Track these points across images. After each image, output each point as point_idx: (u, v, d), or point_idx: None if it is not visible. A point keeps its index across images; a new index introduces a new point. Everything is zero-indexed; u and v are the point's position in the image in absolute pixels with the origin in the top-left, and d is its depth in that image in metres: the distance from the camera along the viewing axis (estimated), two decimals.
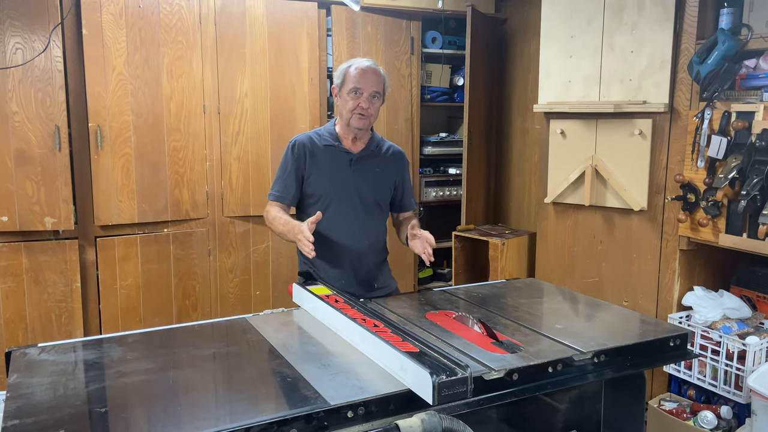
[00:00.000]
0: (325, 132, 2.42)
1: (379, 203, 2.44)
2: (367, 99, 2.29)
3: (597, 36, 3.09)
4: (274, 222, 2.33)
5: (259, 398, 1.49)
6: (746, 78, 2.63)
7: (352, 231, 2.37)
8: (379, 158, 2.44)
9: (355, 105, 2.29)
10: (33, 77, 3.05)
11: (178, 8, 3.34)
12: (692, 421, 2.69)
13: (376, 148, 2.44)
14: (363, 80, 2.29)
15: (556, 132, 3.31)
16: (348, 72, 2.31)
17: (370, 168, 2.41)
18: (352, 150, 2.39)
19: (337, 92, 2.37)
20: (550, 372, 1.63)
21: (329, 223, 2.33)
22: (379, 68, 2.35)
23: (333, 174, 2.37)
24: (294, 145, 2.39)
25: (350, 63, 2.34)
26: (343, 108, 2.33)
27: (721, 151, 2.60)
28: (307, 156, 2.36)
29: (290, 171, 2.37)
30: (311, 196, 2.38)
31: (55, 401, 1.45)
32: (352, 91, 2.29)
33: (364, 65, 2.31)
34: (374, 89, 2.30)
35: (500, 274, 3.72)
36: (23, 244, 3.16)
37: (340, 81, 2.33)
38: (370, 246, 2.42)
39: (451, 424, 1.40)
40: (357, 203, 2.38)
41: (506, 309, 2.13)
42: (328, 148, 2.38)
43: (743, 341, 2.54)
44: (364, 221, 2.40)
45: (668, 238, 2.95)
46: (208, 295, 3.65)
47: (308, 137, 2.41)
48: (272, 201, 2.40)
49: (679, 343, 1.85)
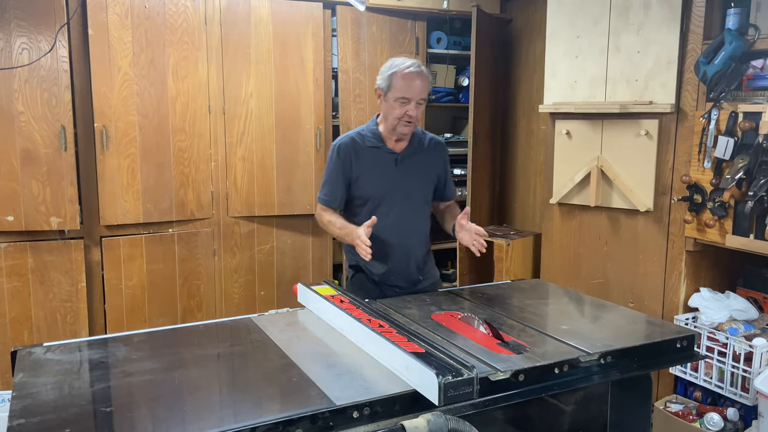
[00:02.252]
0: (369, 132, 2.40)
1: (425, 198, 2.49)
2: (414, 107, 2.28)
3: (603, 36, 3.08)
4: (329, 226, 2.39)
5: (264, 398, 1.49)
6: (753, 78, 2.61)
7: (400, 228, 2.41)
8: (423, 153, 2.45)
9: (403, 113, 2.27)
10: (39, 77, 3.06)
11: (183, 9, 3.35)
12: (698, 423, 2.68)
13: (419, 144, 2.44)
14: (411, 89, 2.25)
15: (562, 132, 3.30)
16: (394, 79, 2.27)
17: (415, 165, 2.43)
18: (396, 150, 2.40)
19: (381, 95, 2.33)
20: (556, 373, 1.62)
21: (378, 223, 2.35)
22: (423, 70, 2.31)
23: (379, 175, 2.38)
24: (339, 148, 2.39)
25: (395, 68, 2.28)
26: (389, 114, 2.31)
27: (728, 152, 2.58)
28: (353, 159, 2.37)
29: (337, 174, 2.38)
30: (359, 198, 2.41)
31: (61, 400, 1.45)
32: (400, 99, 2.27)
33: (411, 72, 2.26)
34: (421, 97, 2.28)
35: (505, 275, 3.71)
36: (29, 243, 3.16)
37: (386, 86, 2.29)
38: (416, 241, 2.47)
39: (457, 425, 1.40)
40: (404, 201, 2.41)
41: (512, 310, 2.12)
42: (373, 150, 2.38)
43: (750, 343, 2.53)
44: (410, 218, 2.44)
45: (674, 239, 2.94)
46: (213, 295, 3.66)
47: (351, 139, 2.40)
48: (322, 205, 2.43)
49: (685, 345, 1.84)
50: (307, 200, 3.77)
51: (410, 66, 2.27)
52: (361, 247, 2.16)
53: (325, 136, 3.79)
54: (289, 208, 3.75)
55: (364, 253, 2.15)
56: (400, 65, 2.28)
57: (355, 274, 2.48)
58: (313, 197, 3.77)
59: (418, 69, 2.28)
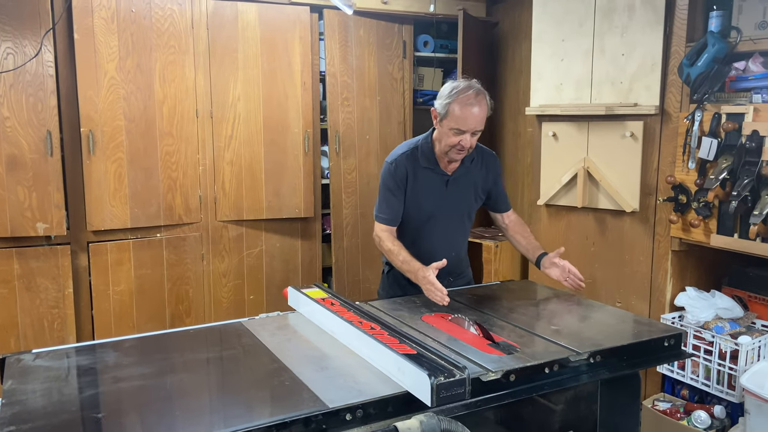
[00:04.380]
0: (424, 150, 2.38)
1: (469, 213, 2.52)
2: (469, 137, 2.25)
3: (588, 39, 3.12)
4: (391, 255, 2.34)
5: (256, 402, 1.49)
6: (736, 80, 2.65)
7: (442, 244, 2.45)
8: (472, 173, 2.45)
9: (456, 142, 2.25)
10: (24, 82, 3.04)
11: (170, 13, 3.34)
12: (686, 420, 2.71)
13: (471, 162, 2.44)
14: (467, 122, 2.21)
15: (549, 134, 3.33)
16: (452, 107, 2.22)
17: (463, 186, 2.44)
18: (447, 171, 2.40)
19: (438, 119, 2.30)
20: (546, 373, 1.64)
21: (422, 237, 2.42)
22: (485, 99, 2.26)
23: (429, 196, 2.40)
24: (395, 167, 2.37)
25: (455, 95, 2.22)
26: (443, 139, 2.29)
27: (711, 153, 2.62)
28: (409, 178, 2.37)
29: (396, 193, 2.37)
30: (405, 214, 2.41)
31: (51, 407, 1.44)
32: (455, 129, 2.23)
33: (469, 103, 2.21)
34: (477, 128, 2.25)
35: (494, 276, 3.74)
36: (15, 250, 3.14)
37: (443, 113, 2.25)
38: (456, 253, 2.51)
39: (449, 426, 1.40)
40: (449, 219, 2.45)
41: (501, 310, 2.14)
42: (426, 170, 2.38)
43: (735, 341, 2.56)
44: (453, 234, 2.49)
45: (660, 239, 2.97)
46: (202, 300, 3.64)
47: (406, 157, 2.37)
48: (382, 225, 2.40)
49: (673, 343, 1.86)
50: (296, 203, 3.77)
51: (470, 97, 2.21)
52: (434, 294, 2.12)
53: (313, 139, 3.80)
54: (278, 212, 3.75)
55: (439, 300, 2.11)
56: (460, 94, 2.22)
57: (391, 269, 2.48)
58: (301, 200, 3.77)
59: (477, 99, 2.22)
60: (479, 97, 2.23)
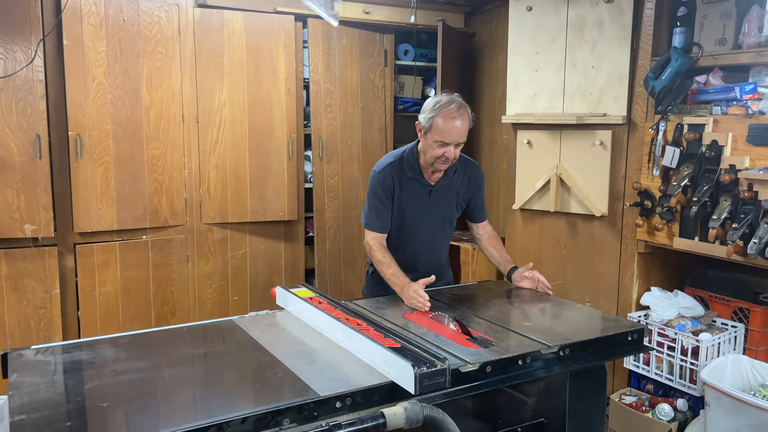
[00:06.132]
0: (409, 161, 2.47)
1: (451, 221, 2.64)
2: (452, 149, 2.34)
3: (560, 52, 3.28)
4: (381, 266, 2.43)
5: (252, 391, 1.60)
6: (697, 93, 2.82)
7: (425, 249, 2.59)
8: (454, 183, 2.56)
9: (441, 154, 2.34)
10: (14, 87, 3.09)
11: (157, 20, 3.42)
12: (651, 413, 2.86)
13: (454, 173, 2.54)
14: (450, 134, 2.31)
15: (523, 142, 3.48)
16: (435, 120, 2.32)
17: (446, 195, 2.56)
18: (431, 181, 2.51)
19: (422, 131, 2.39)
20: (519, 365, 1.77)
21: (405, 243, 2.53)
22: (467, 112, 2.36)
23: (413, 204, 2.51)
24: (383, 176, 2.47)
25: (438, 109, 2.32)
26: (428, 151, 2.38)
27: (674, 161, 2.78)
28: (395, 187, 2.47)
29: (384, 202, 2.47)
30: (392, 222, 2.52)
31: (57, 398, 1.53)
32: (439, 142, 2.33)
33: (452, 116, 2.30)
34: (460, 140, 2.35)
35: (471, 277, 3.87)
36: (2, 251, 3.18)
37: (427, 126, 2.35)
38: (437, 257, 2.65)
39: (431, 412, 1.52)
40: (431, 226, 2.56)
41: (479, 308, 2.27)
42: (411, 180, 2.49)
43: (697, 338, 2.72)
44: (435, 240, 2.61)
45: (627, 242, 3.13)
46: (187, 300, 3.71)
47: (393, 167, 2.47)
48: (372, 232, 2.49)
49: (636, 338, 2.01)
50: (280, 207, 3.87)
51: (453, 111, 2.31)
52: (420, 304, 2.21)
53: (297, 144, 3.90)
54: (262, 215, 3.84)
55: (420, 307, 2.21)
56: (443, 108, 2.32)
57: (375, 271, 2.56)
58: (285, 204, 3.87)
59: (459, 112, 2.32)
60: (461, 111, 2.34)
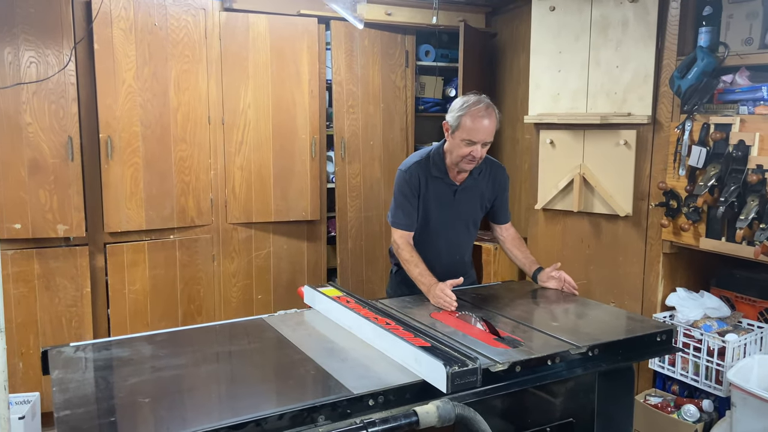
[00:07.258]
0: (435, 160, 2.50)
1: (475, 222, 2.65)
2: (479, 148, 2.36)
3: (584, 52, 3.27)
4: (408, 265, 2.45)
5: (287, 388, 1.64)
6: (723, 92, 2.81)
7: (449, 248, 2.60)
8: (479, 184, 2.58)
9: (467, 153, 2.36)
10: (47, 90, 3.16)
11: (185, 24, 3.48)
12: (676, 414, 2.86)
13: (479, 175, 2.56)
14: (477, 133, 2.33)
15: (546, 142, 3.48)
16: (463, 120, 2.34)
17: (471, 195, 2.58)
18: (456, 181, 2.53)
19: (449, 131, 2.41)
20: (549, 365, 1.79)
21: (430, 242, 2.54)
22: (494, 112, 2.38)
23: (439, 203, 2.53)
24: (409, 175, 2.49)
25: (466, 108, 2.35)
26: (455, 151, 2.40)
27: (700, 161, 2.77)
28: (421, 186, 2.50)
29: (411, 200, 2.49)
30: (417, 220, 2.55)
31: (100, 393, 1.59)
32: (466, 141, 2.35)
33: (480, 115, 2.33)
34: (487, 139, 2.37)
35: (493, 276, 3.88)
36: (35, 250, 3.26)
37: (455, 125, 2.37)
38: (461, 257, 2.67)
39: (462, 411, 1.55)
40: (456, 226, 2.59)
41: (504, 308, 2.29)
42: (437, 179, 2.51)
43: (723, 338, 2.71)
44: (459, 240, 2.63)
45: (652, 242, 3.12)
46: (212, 299, 3.77)
47: (419, 166, 2.49)
48: (400, 230, 2.51)
49: (664, 338, 2.02)
50: (303, 207, 3.91)
51: (480, 110, 2.34)
52: (447, 304, 2.23)
53: (320, 145, 3.94)
54: (285, 215, 3.89)
55: (446, 306, 2.23)
56: (472, 107, 2.34)
57: (399, 269, 2.60)
58: (308, 204, 3.91)
59: (487, 113, 2.34)
60: (489, 110, 2.36)
